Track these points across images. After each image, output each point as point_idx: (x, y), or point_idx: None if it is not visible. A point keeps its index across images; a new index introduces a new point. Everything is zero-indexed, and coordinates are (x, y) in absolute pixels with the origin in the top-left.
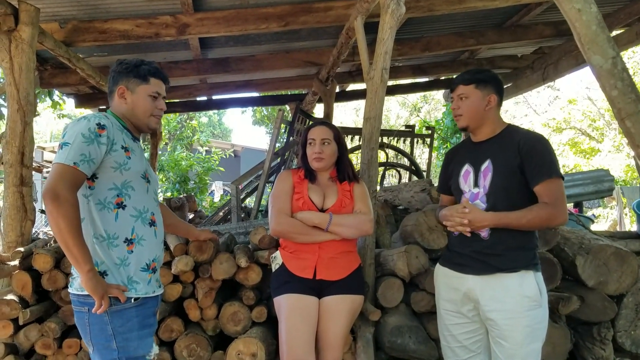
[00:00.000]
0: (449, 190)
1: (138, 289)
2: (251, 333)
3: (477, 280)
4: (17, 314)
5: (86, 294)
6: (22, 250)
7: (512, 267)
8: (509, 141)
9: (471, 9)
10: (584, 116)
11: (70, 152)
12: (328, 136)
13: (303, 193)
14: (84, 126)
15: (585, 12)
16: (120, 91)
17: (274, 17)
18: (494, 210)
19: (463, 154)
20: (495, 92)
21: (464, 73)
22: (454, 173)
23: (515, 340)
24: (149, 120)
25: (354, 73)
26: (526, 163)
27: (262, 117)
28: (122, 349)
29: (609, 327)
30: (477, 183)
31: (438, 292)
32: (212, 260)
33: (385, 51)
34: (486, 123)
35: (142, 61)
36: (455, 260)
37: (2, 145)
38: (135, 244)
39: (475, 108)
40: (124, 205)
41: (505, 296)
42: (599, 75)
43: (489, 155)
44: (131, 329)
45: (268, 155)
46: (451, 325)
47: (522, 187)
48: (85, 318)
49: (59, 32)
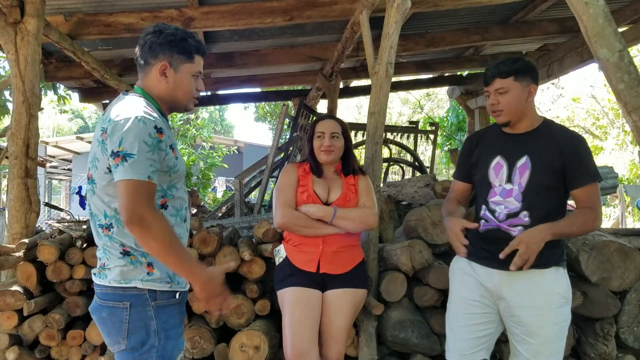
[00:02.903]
0: (467, 178)
1: (180, 282)
2: (254, 326)
3: (504, 275)
4: (21, 305)
5: (127, 286)
6: (26, 242)
7: (545, 264)
8: (549, 138)
9: (476, 5)
10: (587, 114)
11: (139, 165)
12: (337, 130)
13: (308, 186)
14: (142, 132)
15: (593, 5)
16: (162, 68)
17: (279, 11)
18: (530, 210)
19: (493, 144)
20: (534, 82)
21: (499, 64)
22: (481, 163)
23: (543, 337)
24: (188, 103)
25: (357, 69)
26: (570, 165)
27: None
28: (162, 347)
29: (612, 323)
30: (511, 179)
31: (456, 281)
32: (216, 253)
33: (390, 45)
34: (526, 116)
35: (187, 33)
36: (479, 254)
37: (7, 137)
38: None
39: (517, 102)
40: (167, 205)
41: (535, 292)
42: (606, 68)
43: (527, 150)
44: (174, 326)
45: (271, 150)
46: (466, 315)
47: (559, 187)
48: (125, 314)
49: (64, 25)
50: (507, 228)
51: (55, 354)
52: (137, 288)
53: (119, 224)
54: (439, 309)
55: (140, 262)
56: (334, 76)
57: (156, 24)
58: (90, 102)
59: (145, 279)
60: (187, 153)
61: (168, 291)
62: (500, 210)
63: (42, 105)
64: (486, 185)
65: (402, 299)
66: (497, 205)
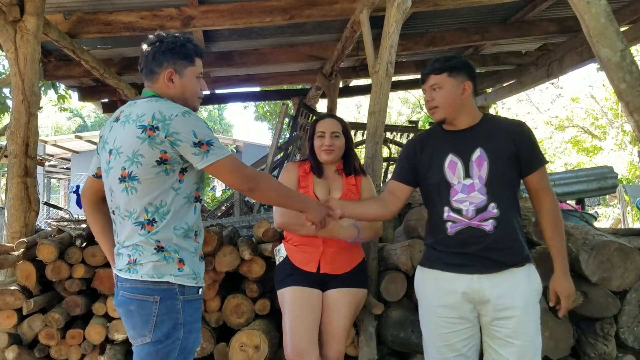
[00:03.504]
0: (409, 180)
1: (201, 279)
2: (254, 325)
3: (484, 279)
4: (21, 304)
5: (159, 280)
6: (26, 241)
7: (520, 262)
8: (496, 129)
9: (476, 4)
10: (586, 114)
11: (219, 144)
12: (337, 129)
13: (308, 187)
14: (200, 120)
15: (594, 4)
16: (169, 75)
17: (279, 10)
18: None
19: (441, 144)
20: (469, 78)
21: (434, 62)
22: (434, 165)
23: (528, 336)
24: (195, 103)
25: (357, 68)
26: (523, 151)
27: (264, 113)
28: (185, 339)
29: (612, 323)
30: (469, 174)
31: (429, 299)
32: (216, 252)
33: (390, 45)
34: (464, 111)
35: (184, 38)
36: (451, 260)
37: (6, 135)
38: (198, 235)
39: (452, 97)
40: (200, 198)
41: (517, 291)
42: (608, 68)
43: (478, 143)
44: (195, 320)
45: (271, 149)
46: (449, 334)
47: (516, 174)
48: (154, 308)
49: (64, 24)
50: (478, 224)
51: (54, 353)
52: (169, 283)
53: (163, 218)
54: None
55: (173, 257)
56: (334, 75)
57: (155, 34)
58: (89, 100)
59: (176, 274)
60: None
61: (194, 287)
62: (466, 207)
63: (41, 104)
64: (445, 186)
65: (402, 298)
66: (461, 203)
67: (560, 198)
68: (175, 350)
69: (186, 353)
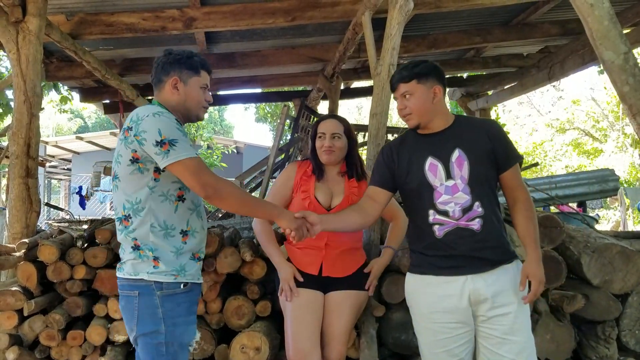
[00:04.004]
0: (387, 185)
1: (187, 275)
2: (255, 327)
3: (478, 278)
4: (21, 305)
5: (138, 277)
6: (27, 242)
7: (508, 258)
8: (471, 128)
9: (478, 6)
10: (587, 117)
11: (184, 146)
12: (338, 130)
13: (310, 192)
14: (172, 120)
15: (598, 7)
16: (174, 82)
17: (281, 11)
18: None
19: (418, 148)
20: (438, 82)
21: (401, 70)
22: (413, 169)
23: (526, 332)
24: (199, 111)
25: (359, 70)
26: (498, 148)
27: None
28: (170, 333)
29: (614, 326)
30: (451, 175)
31: (424, 306)
32: (217, 254)
33: (392, 47)
34: (437, 115)
35: (192, 53)
36: (442, 264)
37: (8, 136)
38: (189, 235)
39: (423, 103)
40: (184, 198)
41: (510, 288)
42: (611, 70)
43: (456, 144)
44: (180, 314)
45: (272, 151)
46: (447, 339)
47: (493, 173)
48: (135, 302)
49: (66, 25)
50: (466, 224)
51: (55, 354)
52: (144, 280)
53: (138, 215)
54: None
55: (148, 256)
56: (335, 77)
57: (166, 49)
58: (90, 102)
59: (150, 271)
60: None
61: (174, 282)
62: (452, 208)
63: (42, 105)
64: (427, 189)
65: (404, 301)
66: (446, 204)
67: (562, 200)
68: (162, 344)
69: (175, 346)
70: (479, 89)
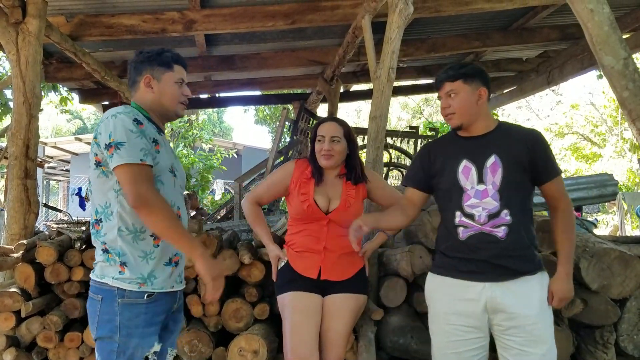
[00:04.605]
0: (423, 186)
1: (155, 283)
2: (253, 330)
3: (497, 287)
4: (19, 307)
5: (103, 281)
6: (25, 243)
7: (532, 269)
8: (511, 136)
9: (478, 11)
10: (586, 121)
11: (130, 150)
12: (338, 133)
13: (309, 195)
14: (127, 122)
15: (598, 12)
16: (147, 80)
17: (281, 14)
18: (509, 209)
19: (455, 150)
20: (484, 85)
21: (449, 69)
22: (447, 170)
23: (546, 344)
24: (177, 108)
25: (358, 73)
26: (539, 160)
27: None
28: (123, 343)
29: (612, 330)
30: (483, 180)
31: (440, 307)
32: (216, 256)
33: (392, 50)
34: (480, 118)
35: (162, 49)
36: (462, 267)
37: (7, 137)
38: (160, 238)
39: (468, 104)
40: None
41: (530, 299)
42: (610, 76)
43: (493, 150)
44: (137, 325)
45: (271, 153)
46: (459, 342)
47: (527, 184)
48: (97, 306)
49: (66, 26)
50: (490, 230)
51: (52, 356)
52: (108, 284)
53: (107, 219)
54: None
55: (115, 260)
56: (335, 80)
57: (137, 50)
58: (90, 103)
59: (115, 277)
60: (186, 154)
61: (137, 291)
62: (479, 212)
63: (41, 106)
64: (457, 191)
65: (402, 304)
66: (474, 208)
67: None
68: (114, 352)
69: (126, 357)
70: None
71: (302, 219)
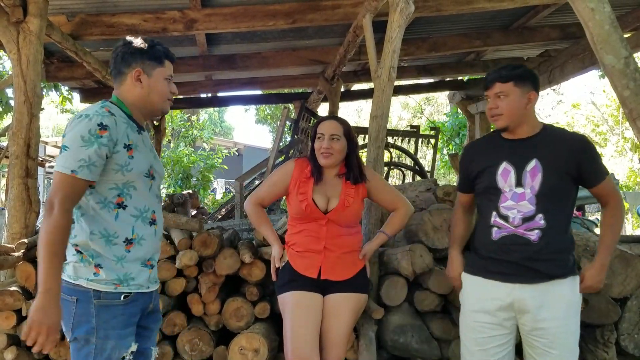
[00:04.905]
0: (469, 189)
1: (131, 284)
2: (254, 329)
3: (526, 288)
4: (20, 305)
5: (77, 283)
6: (26, 242)
7: (563, 273)
8: (555, 141)
9: (479, 10)
10: (587, 121)
11: (68, 158)
12: (337, 132)
13: (307, 194)
14: (84, 127)
15: (599, 11)
16: (137, 74)
17: (282, 14)
18: (545, 213)
19: (496, 151)
20: (534, 89)
21: (501, 69)
22: (487, 171)
23: (567, 347)
24: (164, 105)
25: (359, 72)
26: (585, 165)
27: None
28: (100, 345)
29: (613, 330)
30: (522, 183)
31: (468, 305)
32: (216, 255)
33: (393, 49)
34: (526, 121)
35: (153, 41)
36: (493, 268)
37: (8, 136)
38: (134, 243)
39: (516, 106)
40: (125, 205)
41: (557, 303)
42: (611, 75)
43: (535, 154)
44: (114, 327)
45: (272, 152)
46: (484, 339)
47: (571, 188)
48: (72, 308)
49: (66, 25)
50: (523, 233)
51: (53, 354)
52: (82, 286)
53: (79, 220)
54: (439, 314)
55: (89, 261)
56: (336, 79)
57: (124, 38)
58: (91, 102)
59: (90, 278)
60: (187, 153)
61: (114, 292)
62: (513, 215)
63: (42, 105)
64: (495, 192)
65: (403, 303)
66: (509, 210)
67: None
68: (91, 354)
69: (104, 358)
70: (479, 92)
71: (301, 219)
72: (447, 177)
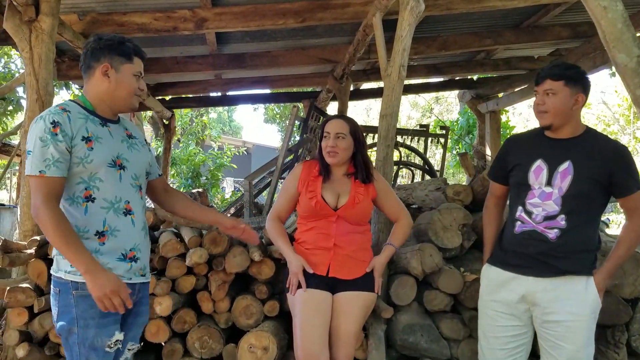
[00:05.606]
0: (503, 180)
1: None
2: (263, 327)
3: (539, 282)
4: (32, 302)
5: (58, 275)
6: (38, 239)
7: (580, 270)
8: (593, 146)
9: (489, 8)
10: (598, 120)
11: (33, 161)
12: (343, 130)
13: (316, 192)
14: (40, 128)
15: (611, 9)
16: (104, 69)
17: (291, 13)
18: (568, 215)
19: (534, 147)
20: (584, 92)
21: (553, 66)
22: (521, 165)
23: (577, 342)
24: (132, 100)
25: (368, 71)
26: (618, 174)
27: (274, 115)
28: (82, 334)
29: (623, 330)
30: (551, 182)
31: (486, 293)
32: (226, 253)
33: (403, 48)
34: (570, 122)
35: (123, 37)
36: (512, 261)
37: (20, 134)
38: (108, 235)
39: (563, 106)
40: (93, 198)
41: (569, 298)
42: (624, 74)
43: (570, 156)
44: (93, 316)
45: (281, 151)
46: (499, 327)
47: (599, 196)
48: (55, 299)
49: (78, 24)
50: (543, 230)
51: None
52: (62, 278)
53: None
54: (449, 314)
55: None
56: (345, 78)
57: (96, 34)
58: None
59: (68, 270)
60: (197, 152)
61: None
62: (537, 212)
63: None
64: (525, 187)
65: (412, 302)
66: (534, 207)
67: None
68: (75, 342)
69: (87, 347)
70: (489, 91)
71: (311, 216)
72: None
